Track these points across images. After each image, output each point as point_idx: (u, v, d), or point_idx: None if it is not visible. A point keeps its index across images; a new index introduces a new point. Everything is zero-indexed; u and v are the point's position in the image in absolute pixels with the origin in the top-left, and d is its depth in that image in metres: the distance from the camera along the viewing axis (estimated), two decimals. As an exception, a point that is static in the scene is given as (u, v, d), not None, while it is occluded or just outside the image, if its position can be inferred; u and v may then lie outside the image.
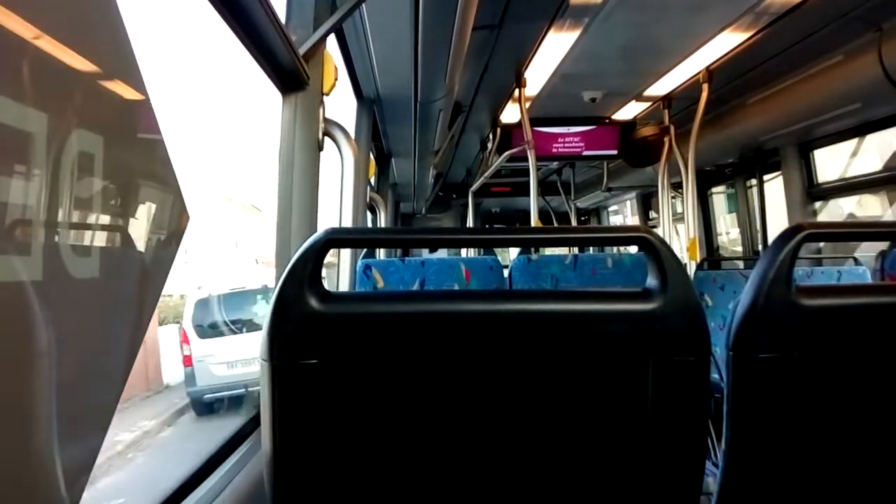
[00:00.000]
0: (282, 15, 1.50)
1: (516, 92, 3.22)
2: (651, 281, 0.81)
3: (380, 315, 0.79)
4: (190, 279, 8.55)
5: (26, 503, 0.55)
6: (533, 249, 2.99)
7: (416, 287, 2.31)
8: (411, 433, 0.82)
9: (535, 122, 3.65)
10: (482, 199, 6.72)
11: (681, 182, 3.63)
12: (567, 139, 4.02)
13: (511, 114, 3.75)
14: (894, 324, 0.91)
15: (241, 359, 7.47)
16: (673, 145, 3.70)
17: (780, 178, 3.68)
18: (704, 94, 3.21)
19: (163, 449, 6.66)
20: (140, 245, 0.73)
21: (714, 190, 4.85)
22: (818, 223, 0.93)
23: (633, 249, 2.76)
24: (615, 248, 5.23)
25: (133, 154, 0.72)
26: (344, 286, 2.14)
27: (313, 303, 0.77)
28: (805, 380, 0.90)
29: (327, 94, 1.70)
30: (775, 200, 3.83)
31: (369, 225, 3.97)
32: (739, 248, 4.60)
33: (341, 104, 2.67)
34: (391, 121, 3.21)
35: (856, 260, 3.00)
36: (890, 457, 0.94)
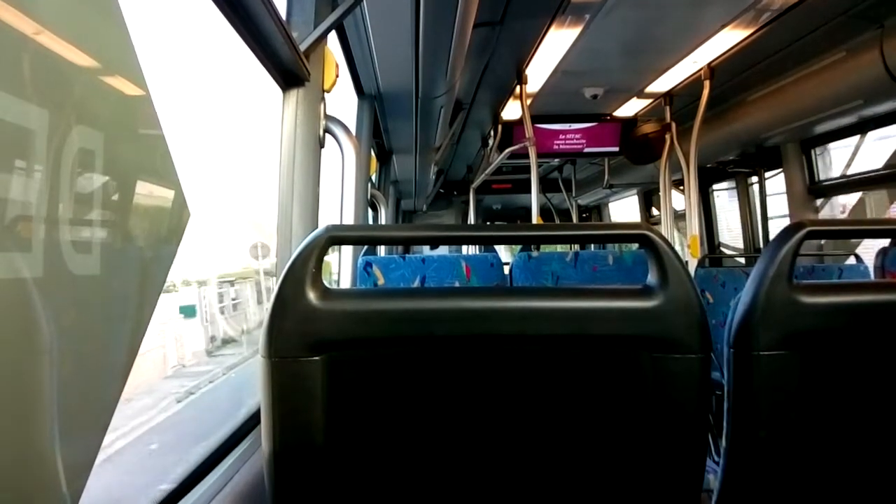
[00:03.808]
0: (282, 11, 1.50)
1: (517, 89, 3.21)
2: (652, 278, 0.81)
3: (380, 312, 0.79)
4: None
5: (26, 501, 0.55)
6: (534, 246, 2.99)
7: (416, 284, 2.31)
8: (412, 430, 0.82)
9: (536, 118, 3.65)
10: (483, 196, 6.72)
11: (682, 179, 3.63)
12: (568, 136, 4.02)
13: (512, 110, 3.74)
14: (895, 321, 0.90)
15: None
16: (674, 142, 3.69)
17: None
18: (706, 91, 3.20)
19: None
20: (141, 242, 0.73)
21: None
22: (819, 220, 0.93)
23: (635, 246, 2.75)
24: (616, 246, 5.23)
25: (134, 150, 0.72)
26: (345, 283, 2.14)
27: (314, 299, 0.77)
28: (806, 377, 0.90)
29: (328, 91, 1.70)
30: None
31: (370, 222, 3.97)
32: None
33: (342, 101, 2.67)
34: (392, 117, 3.20)
35: (857, 257, 3.00)
36: (890, 453, 0.94)
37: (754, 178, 4.36)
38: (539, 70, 3.07)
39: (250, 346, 12.08)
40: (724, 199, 4.86)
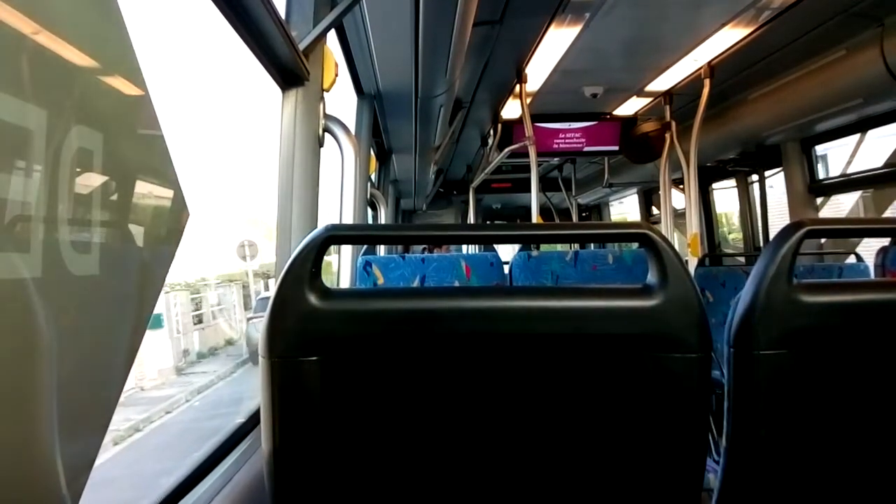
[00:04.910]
0: (282, 11, 1.50)
1: (517, 88, 3.21)
2: (652, 277, 0.81)
3: (380, 312, 0.79)
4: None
5: (26, 502, 0.55)
6: (533, 246, 2.99)
7: (416, 284, 2.31)
8: (411, 430, 0.81)
9: (535, 117, 3.64)
10: (483, 196, 6.71)
11: (682, 178, 3.63)
12: (568, 135, 4.01)
13: (512, 109, 3.74)
14: (895, 320, 0.90)
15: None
16: (674, 141, 3.69)
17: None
18: (706, 90, 3.20)
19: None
20: (140, 242, 0.73)
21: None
22: (819, 219, 0.93)
23: (634, 245, 2.75)
24: (616, 245, 5.23)
25: (133, 150, 0.72)
26: (344, 283, 2.14)
27: (313, 299, 0.77)
28: (806, 376, 0.90)
29: (327, 90, 1.70)
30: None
31: (370, 221, 3.97)
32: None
33: (342, 100, 2.66)
34: (392, 117, 3.20)
35: (857, 256, 3.00)
36: (890, 453, 0.94)
37: (754, 177, 4.36)
38: (539, 69, 3.07)
39: (230, 360, 11.34)
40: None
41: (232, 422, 1.40)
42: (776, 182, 4.01)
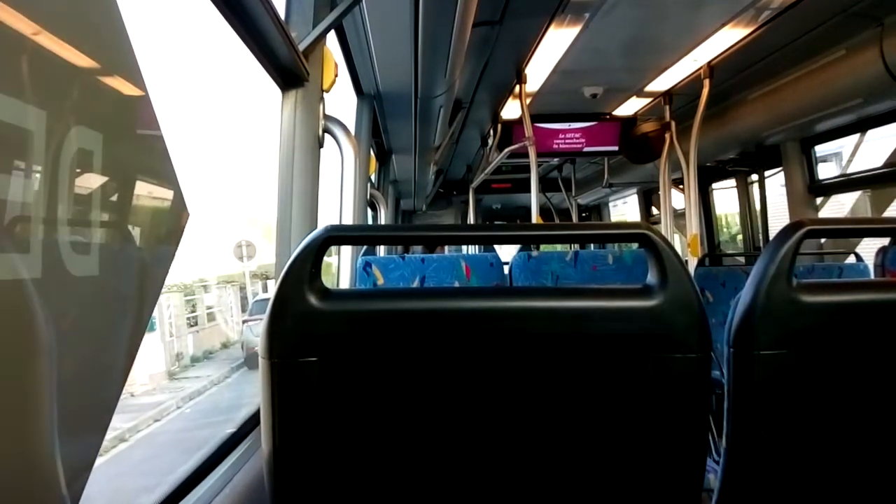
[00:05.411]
0: (281, 12, 1.50)
1: (517, 88, 3.21)
2: (652, 277, 0.81)
3: (380, 312, 0.79)
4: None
5: (26, 502, 0.55)
6: (533, 246, 2.99)
7: (416, 284, 2.31)
8: (411, 430, 0.81)
9: (535, 118, 3.64)
10: (483, 196, 6.71)
11: (682, 178, 3.62)
12: (568, 135, 4.01)
13: (512, 110, 3.74)
14: (895, 320, 0.90)
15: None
16: (674, 141, 3.69)
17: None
18: (705, 90, 3.20)
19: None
20: (140, 242, 0.73)
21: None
22: (819, 219, 0.93)
23: (634, 246, 2.75)
24: (616, 245, 5.23)
25: (132, 151, 0.72)
26: (344, 284, 2.14)
27: (313, 300, 0.77)
28: (806, 376, 0.90)
29: (327, 91, 1.70)
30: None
31: (369, 222, 3.97)
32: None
33: (341, 101, 2.67)
34: (391, 117, 3.21)
35: (857, 256, 3.00)
36: (890, 453, 0.94)
37: (754, 177, 4.36)
38: (538, 69, 3.07)
39: (226, 364, 11.05)
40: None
41: (223, 431, 1.37)
42: (776, 182, 4.01)
